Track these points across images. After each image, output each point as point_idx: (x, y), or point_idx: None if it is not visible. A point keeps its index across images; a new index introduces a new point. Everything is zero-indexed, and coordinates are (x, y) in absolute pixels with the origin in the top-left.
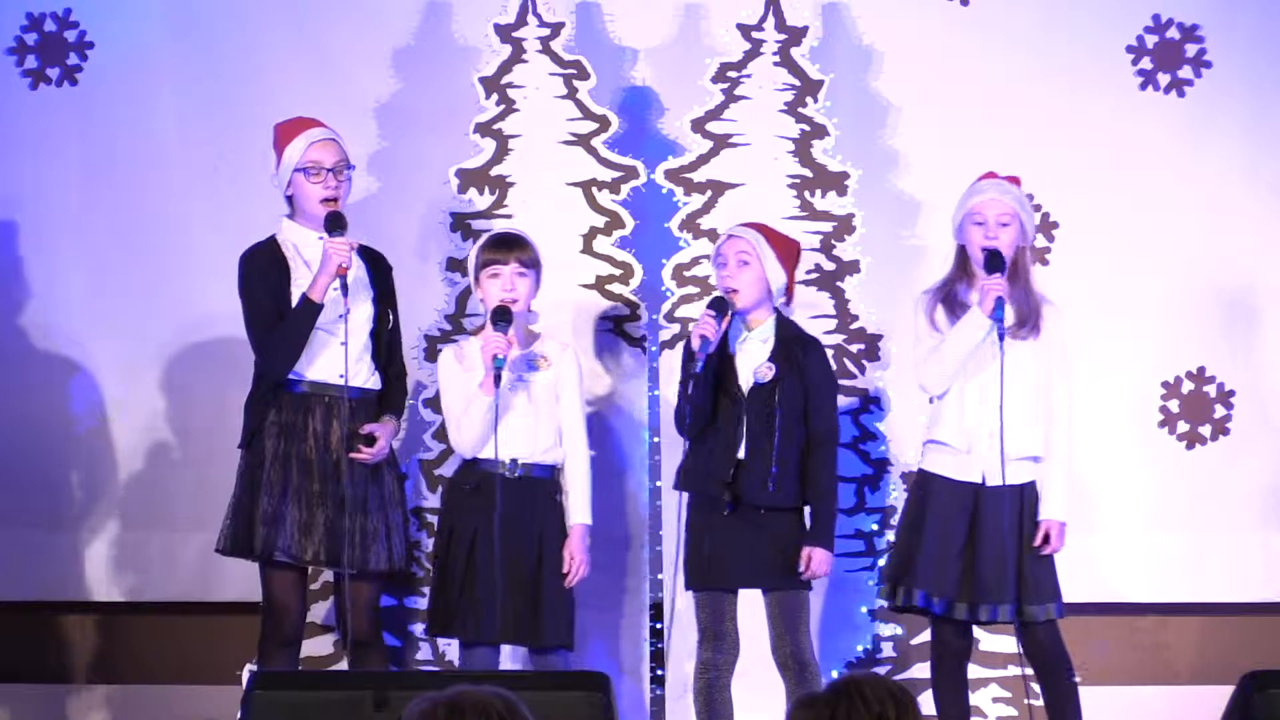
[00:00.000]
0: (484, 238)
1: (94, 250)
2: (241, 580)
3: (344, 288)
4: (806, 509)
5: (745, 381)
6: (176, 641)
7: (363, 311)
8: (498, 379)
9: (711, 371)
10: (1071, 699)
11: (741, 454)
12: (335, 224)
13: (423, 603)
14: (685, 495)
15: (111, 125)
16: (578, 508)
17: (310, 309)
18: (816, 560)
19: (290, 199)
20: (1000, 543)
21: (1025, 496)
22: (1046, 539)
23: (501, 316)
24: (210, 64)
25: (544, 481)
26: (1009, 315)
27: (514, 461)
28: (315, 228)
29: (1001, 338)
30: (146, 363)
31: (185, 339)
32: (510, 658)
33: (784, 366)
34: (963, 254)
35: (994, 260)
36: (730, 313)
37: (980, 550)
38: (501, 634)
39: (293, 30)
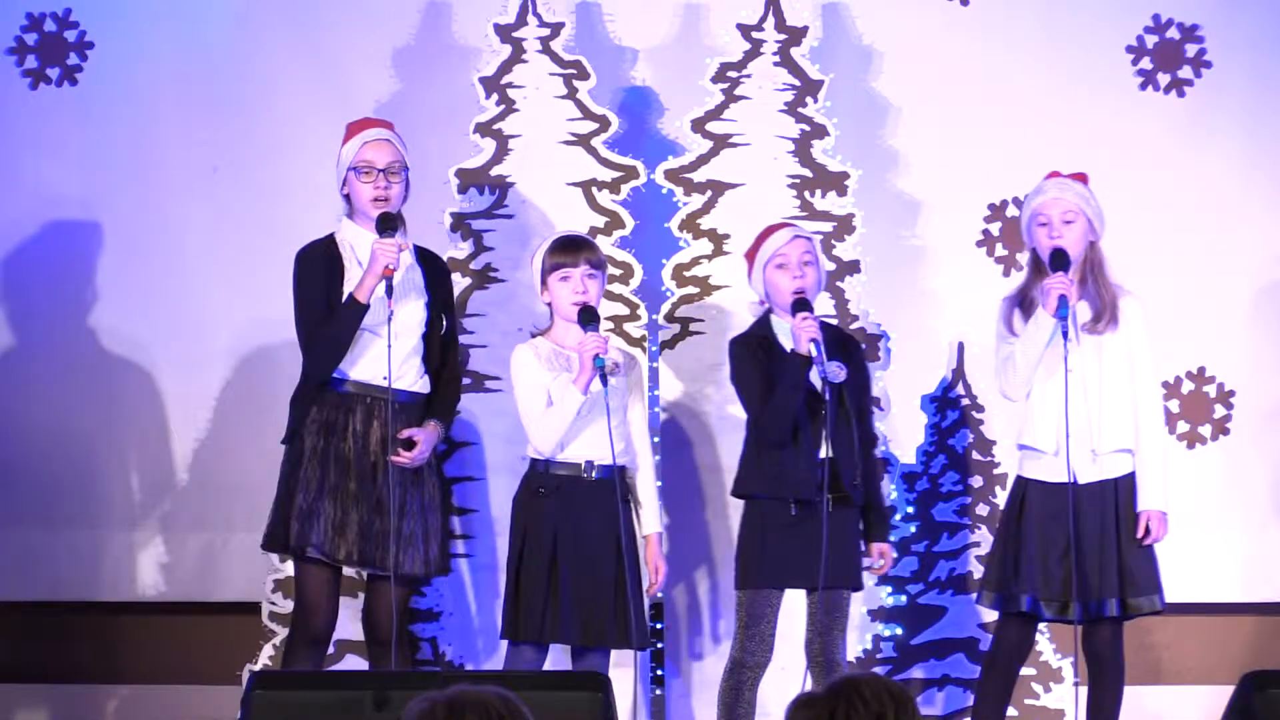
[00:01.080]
0: (549, 240)
1: (93, 250)
2: (241, 580)
3: (389, 289)
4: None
5: (817, 382)
6: (176, 641)
7: (414, 314)
8: (604, 378)
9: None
10: (1117, 702)
11: (826, 453)
12: (386, 225)
13: (422, 603)
14: (749, 499)
15: (111, 125)
16: (650, 516)
17: (355, 309)
18: (889, 557)
19: (347, 198)
20: (1100, 538)
21: (1120, 490)
22: (1148, 530)
23: (590, 317)
24: (210, 64)
25: (614, 485)
26: (1085, 310)
27: (589, 463)
28: (369, 227)
29: (1065, 335)
30: (145, 363)
31: (185, 339)
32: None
33: (847, 365)
34: (1035, 257)
35: (1058, 259)
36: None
37: (1083, 548)
38: (584, 636)
39: (293, 30)
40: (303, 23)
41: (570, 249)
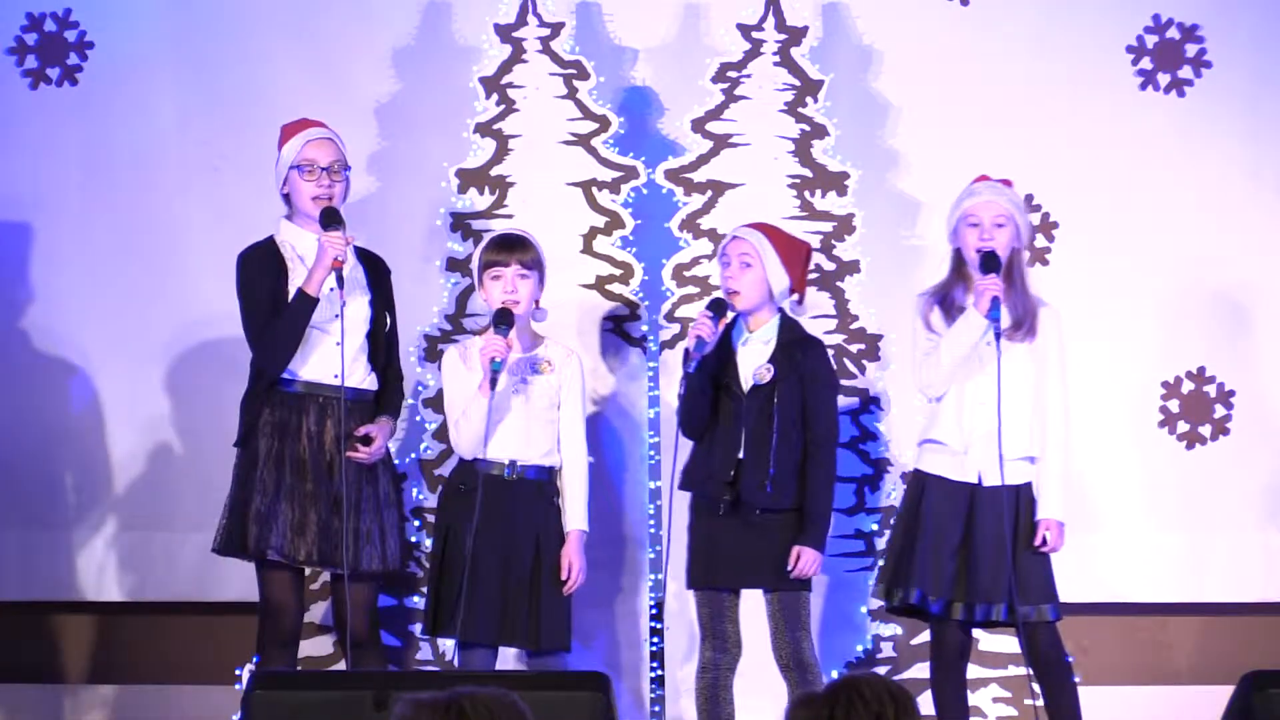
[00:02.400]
0: (486, 238)
1: (93, 250)
2: (240, 580)
3: (340, 281)
4: None
5: (746, 382)
6: (176, 641)
7: (358, 312)
8: (494, 381)
9: (708, 373)
10: (1072, 700)
11: (741, 454)
12: (331, 219)
13: (422, 603)
14: (688, 495)
15: (111, 125)
16: (575, 514)
17: (306, 303)
18: (805, 560)
19: (287, 198)
20: (997, 543)
21: (1021, 497)
22: (1045, 539)
23: (503, 319)
24: (210, 64)
25: (540, 484)
26: (1005, 317)
27: (513, 463)
28: (311, 227)
29: (999, 337)
30: (146, 363)
31: (184, 339)
32: (511, 659)
33: (784, 368)
34: (959, 257)
35: (990, 261)
36: (729, 314)
37: (977, 550)
38: (497, 635)
39: (293, 30)
40: (303, 23)
41: (504, 248)
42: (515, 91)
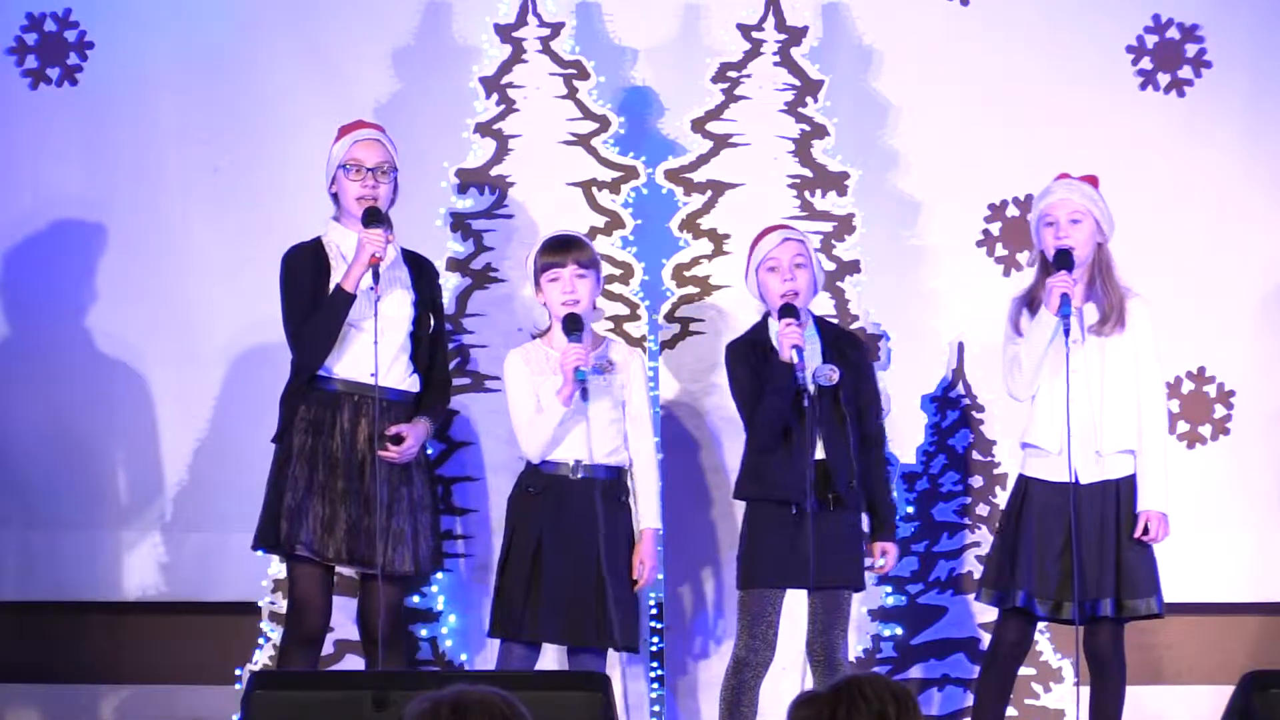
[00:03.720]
0: (540, 241)
1: (93, 250)
2: (241, 580)
3: (376, 278)
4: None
5: (809, 386)
6: (176, 641)
7: (400, 311)
8: (584, 392)
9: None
10: (1119, 702)
11: (820, 455)
12: (373, 218)
13: (421, 602)
14: (749, 501)
15: (111, 125)
16: (647, 512)
17: (342, 298)
18: (891, 556)
19: (335, 198)
20: (1099, 538)
21: (1121, 491)
22: (1146, 530)
23: (573, 326)
24: (210, 64)
25: (608, 483)
26: (1092, 312)
27: (578, 463)
28: (356, 227)
29: (1068, 334)
30: (145, 362)
31: (185, 339)
32: (550, 660)
33: (842, 366)
34: (1043, 259)
35: (1062, 258)
36: (802, 318)
37: (1081, 548)
38: (566, 635)
39: (293, 30)
40: (303, 23)
41: (559, 249)
42: (515, 91)
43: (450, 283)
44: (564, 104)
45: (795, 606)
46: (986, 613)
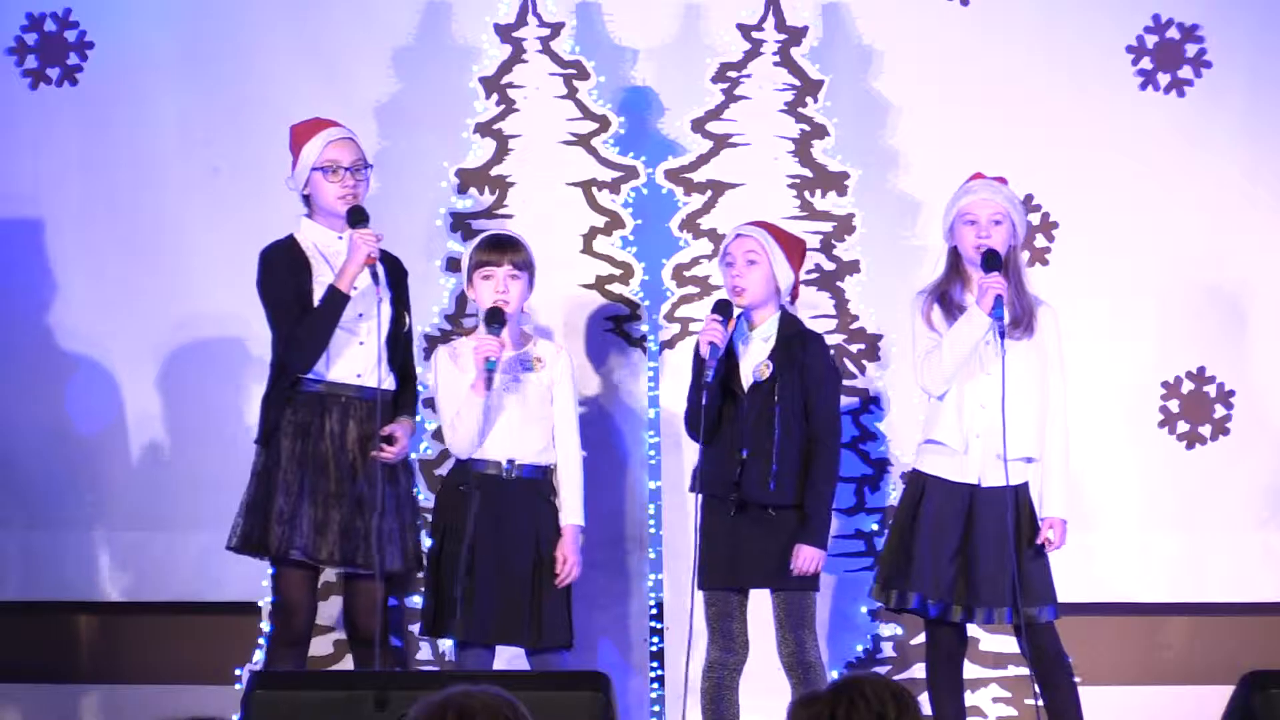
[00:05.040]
0: (477, 239)
1: (94, 250)
2: (241, 580)
3: (375, 277)
4: None
5: (747, 380)
6: (176, 641)
7: (382, 312)
8: (490, 381)
9: (719, 375)
10: (1072, 700)
11: (745, 453)
12: (359, 217)
13: (421, 603)
14: (699, 496)
15: (111, 125)
16: (570, 509)
17: (338, 299)
18: (804, 557)
19: (307, 199)
20: (998, 544)
21: (1021, 497)
22: (1049, 538)
23: (494, 318)
24: (210, 64)
25: (537, 482)
26: (1005, 315)
27: (510, 462)
28: (334, 226)
29: (1003, 336)
30: (145, 362)
31: (185, 338)
32: (508, 659)
33: (783, 364)
34: (955, 255)
35: (991, 259)
36: (735, 314)
37: (977, 552)
38: (497, 635)
39: (293, 30)
40: (303, 23)
41: (494, 248)
42: (515, 91)
43: (450, 283)
44: (564, 104)
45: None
46: None
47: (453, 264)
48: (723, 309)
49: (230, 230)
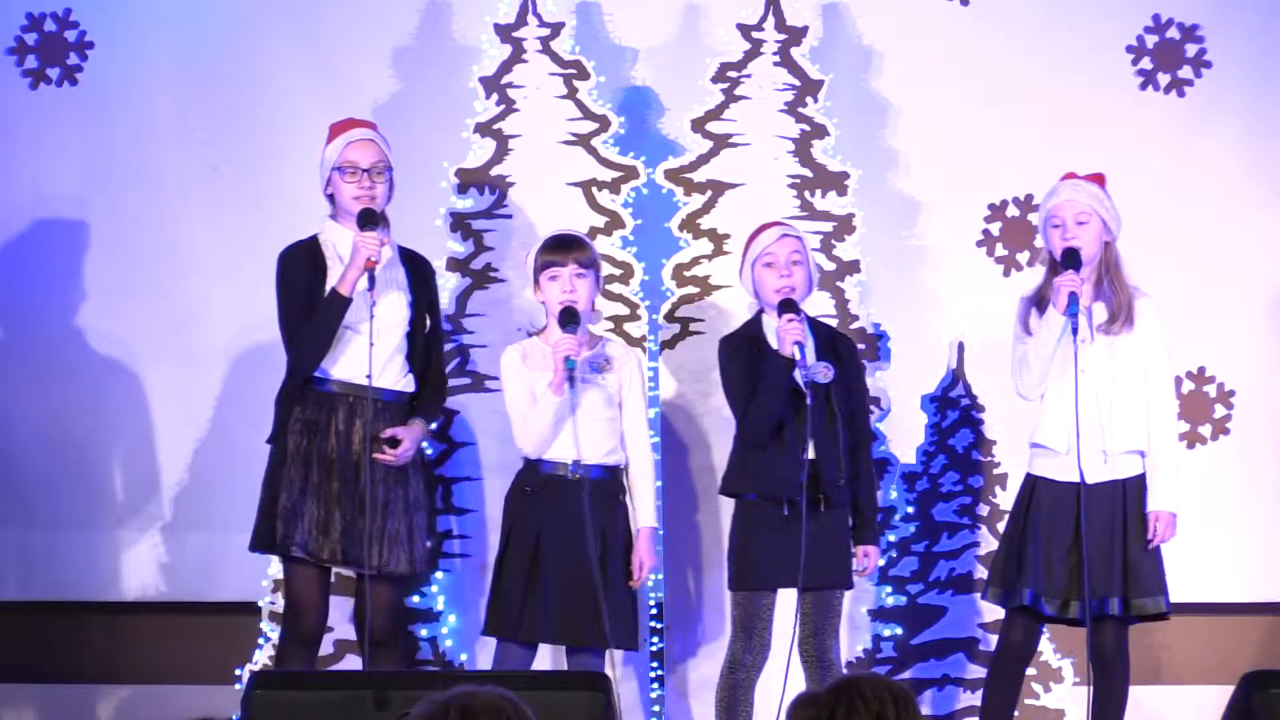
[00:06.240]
0: (542, 240)
1: (93, 250)
2: (242, 580)
3: (371, 281)
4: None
5: (800, 383)
6: (176, 641)
7: (395, 312)
8: (571, 380)
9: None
10: (1121, 703)
11: (811, 454)
12: (368, 220)
13: (421, 602)
14: (743, 498)
15: (111, 125)
16: (644, 511)
17: (337, 301)
18: (873, 558)
19: (331, 198)
20: (1108, 538)
21: (1129, 491)
22: (1155, 530)
23: (569, 318)
24: (210, 64)
25: (606, 483)
26: (1101, 311)
27: (576, 463)
28: (352, 227)
29: (1075, 333)
30: (145, 363)
31: (185, 339)
32: (547, 660)
33: (836, 366)
34: (1051, 259)
35: (1069, 257)
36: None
37: (1089, 547)
38: (562, 635)
39: (293, 30)
40: (303, 23)
41: (560, 248)
42: (515, 91)
43: (450, 283)
44: (564, 104)
45: (788, 605)
46: (986, 612)
47: (453, 264)
48: (793, 308)
49: (230, 230)
